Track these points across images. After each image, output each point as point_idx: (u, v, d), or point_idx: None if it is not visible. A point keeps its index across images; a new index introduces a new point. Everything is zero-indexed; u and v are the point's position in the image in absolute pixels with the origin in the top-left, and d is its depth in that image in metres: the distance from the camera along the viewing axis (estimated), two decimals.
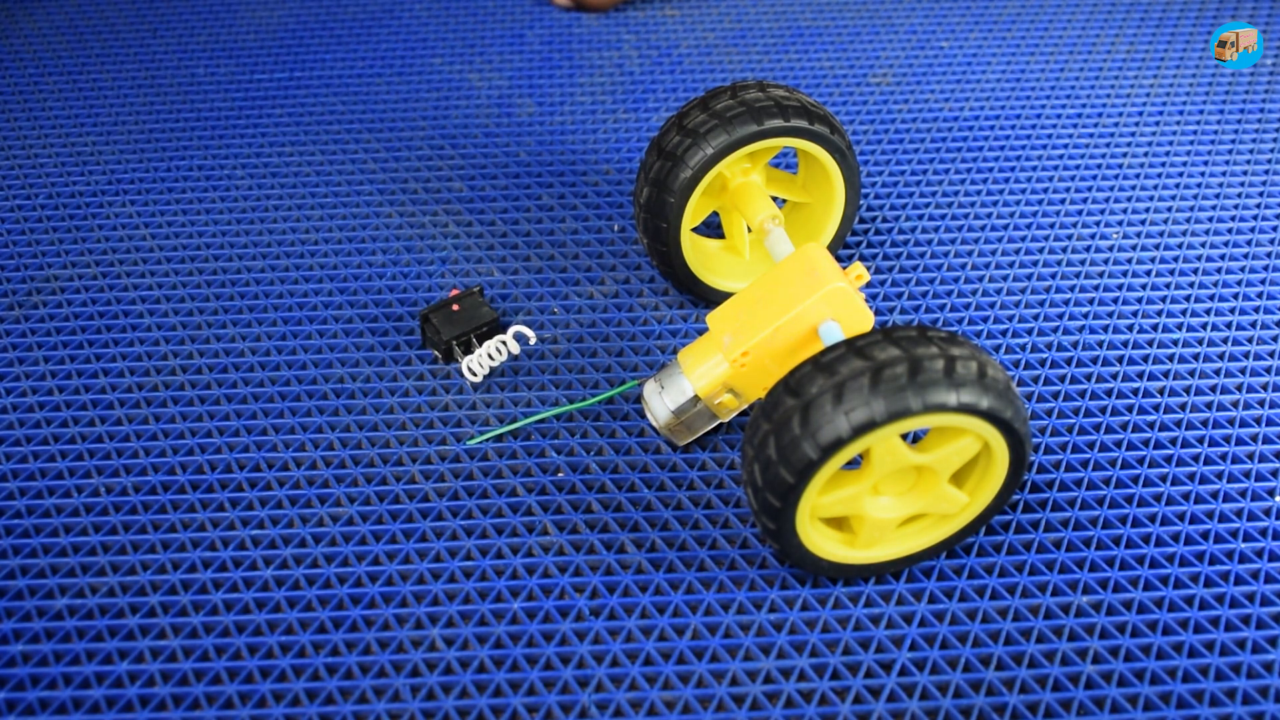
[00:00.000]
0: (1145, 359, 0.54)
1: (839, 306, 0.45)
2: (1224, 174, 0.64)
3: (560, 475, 0.49)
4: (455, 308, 0.53)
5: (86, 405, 0.52)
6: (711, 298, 0.55)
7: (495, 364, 0.52)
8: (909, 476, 0.43)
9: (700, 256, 0.55)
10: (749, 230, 0.55)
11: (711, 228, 0.60)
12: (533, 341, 0.53)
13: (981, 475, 0.43)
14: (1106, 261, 0.59)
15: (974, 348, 0.41)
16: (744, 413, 0.51)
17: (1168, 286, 0.58)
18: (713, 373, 0.47)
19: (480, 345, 0.53)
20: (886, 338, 0.40)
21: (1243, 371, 0.53)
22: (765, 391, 0.47)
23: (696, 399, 0.47)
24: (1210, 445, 0.50)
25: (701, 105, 0.51)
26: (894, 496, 0.43)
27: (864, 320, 0.46)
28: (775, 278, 0.46)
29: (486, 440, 0.51)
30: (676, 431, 0.49)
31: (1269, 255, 0.59)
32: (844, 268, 0.47)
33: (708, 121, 0.50)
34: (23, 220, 0.62)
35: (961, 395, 0.39)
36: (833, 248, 0.56)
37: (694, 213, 0.52)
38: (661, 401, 0.48)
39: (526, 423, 0.51)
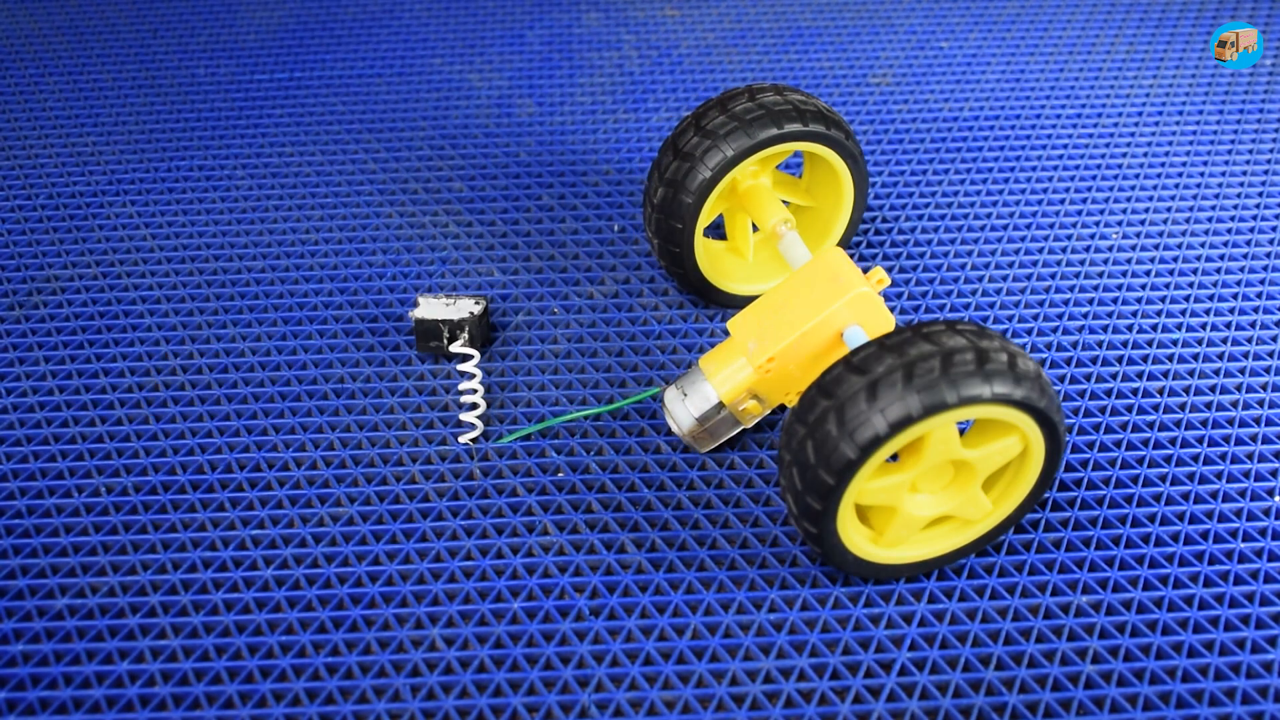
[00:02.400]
0: (1145, 359, 0.54)
1: (863, 311, 0.45)
2: (1224, 174, 0.64)
3: (560, 475, 0.49)
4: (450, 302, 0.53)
5: (87, 405, 0.52)
6: (715, 299, 0.55)
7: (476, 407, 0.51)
8: (947, 473, 0.43)
9: (708, 258, 0.55)
10: (753, 232, 0.55)
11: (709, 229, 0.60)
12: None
13: (1011, 480, 0.43)
14: (1106, 261, 0.59)
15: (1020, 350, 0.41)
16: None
17: (1167, 286, 0.58)
18: (736, 378, 0.46)
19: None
20: (950, 328, 0.41)
21: (1242, 371, 0.53)
22: (787, 396, 0.47)
23: (721, 405, 0.47)
24: (1209, 445, 0.50)
25: (720, 106, 0.51)
26: (931, 493, 0.43)
27: (887, 324, 0.46)
28: (798, 283, 0.46)
29: (515, 439, 0.51)
30: (699, 438, 0.48)
31: (1269, 255, 0.59)
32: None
33: (727, 123, 0.50)
34: (23, 220, 0.62)
35: (1024, 389, 0.40)
36: None
37: (706, 215, 0.52)
38: (685, 408, 0.47)
39: (554, 422, 0.51)
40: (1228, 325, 0.56)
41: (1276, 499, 0.48)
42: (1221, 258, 0.59)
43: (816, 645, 0.43)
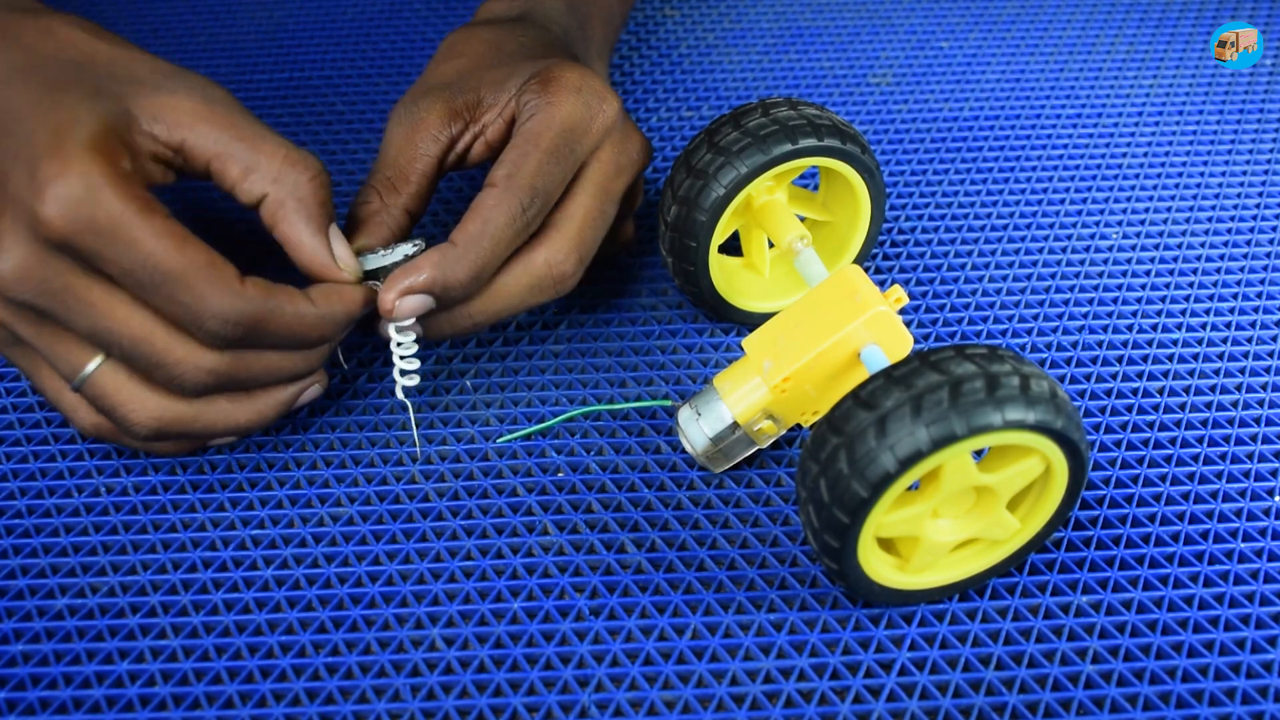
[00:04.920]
0: (1145, 359, 0.54)
1: (881, 331, 0.45)
2: (1224, 174, 0.64)
3: (560, 475, 0.49)
4: None
5: None
6: (731, 316, 0.55)
7: (411, 361, 0.49)
8: (969, 498, 0.43)
9: (723, 275, 0.54)
10: (769, 249, 0.55)
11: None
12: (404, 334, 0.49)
13: (1037, 498, 0.43)
14: (1106, 261, 0.59)
15: (1032, 365, 0.41)
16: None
17: (1167, 286, 0.58)
18: (751, 398, 0.46)
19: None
20: (959, 354, 0.40)
21: (1242, 371, 0.53)
22: (803, 417, 0.47)
23: (735, 425, 0.47)
24: (1210, 445, 0.50)
25: (733, 122, 0.50)
26: (954, 519, 0.43)
27: (905, 344, 0.45)
28: (814, 301, 0.46)
29: (515, 439, 0.51)
30: (714, 459, 0.48)
31: (1269, 255, 0.59)
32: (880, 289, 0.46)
33: (740, 139, 0.50)
34: None
35: (1038, 413, 0.39)
36: None
37: (721, 232, 0.52)
38: (699, 428, 0.47)
39: (554, 422, 0.51)
40: (1228, 325, 0.56)
41: (1276, 499, 0.48)
42: (1221, 258, 0.59)
43: (816, 645, 0.43)
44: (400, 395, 0.49)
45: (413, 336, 0.48)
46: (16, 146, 0.41)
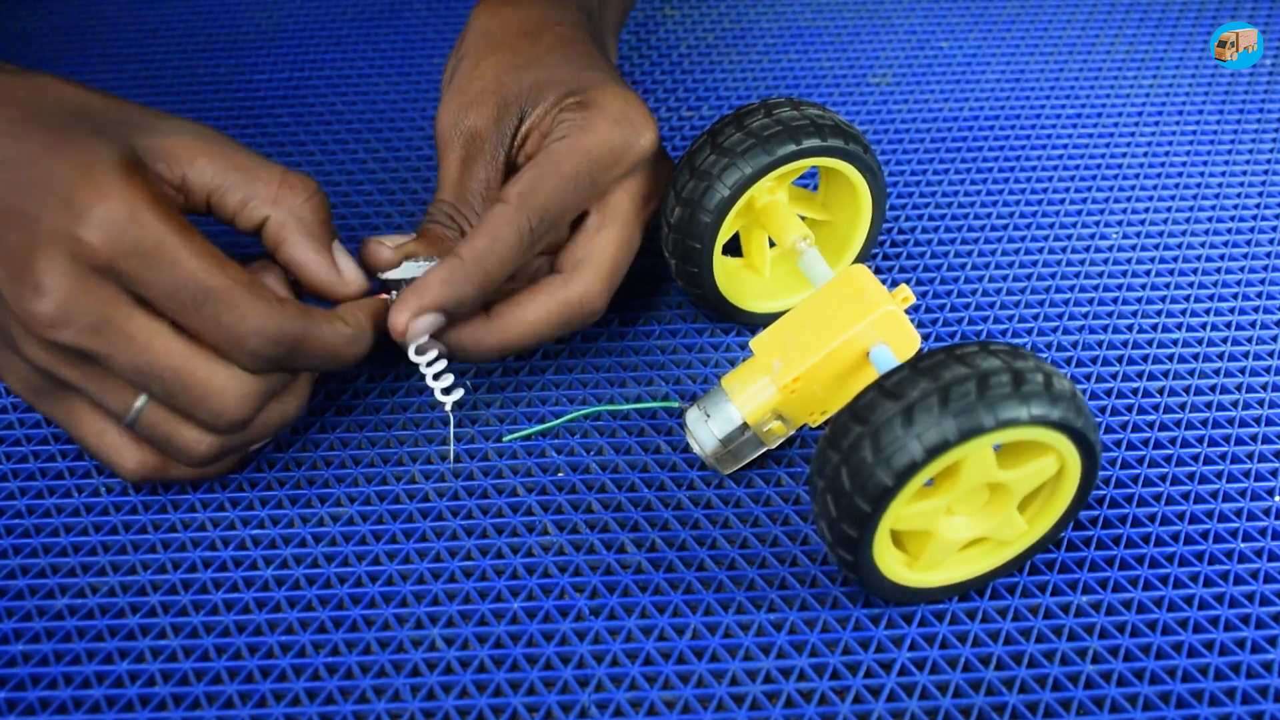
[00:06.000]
0: (1145, 359, 0.54)
1: (889, 330, 0.45)
2: (1224, 174, 0.64)
3: (560, 475, 0.49)
4: None
5: None
6: (733, 317, 0.55)
7: (445, 376, 0.49)
8: (983, 495, 0.43)
9: (725, 276, 0.54)
10: (770, 248, 0.55)
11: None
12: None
13: (1046, 500, 0.43)
14: (1106, 261, 0.59)
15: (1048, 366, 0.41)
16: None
17: (1167, 286, 0.58)
18: (760, 398, 0.46)
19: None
20: (984, 349, 0.40)
21: (1242, 371, 0.53)
22: (811, 417, 0.47)
23: (745, 426, 0.46)
24: (1209, 445, 0.50)
25: (736, 123, 0.50)
26: (967, 516, 0.43)
27: (913, 343, 0.45)
28: (822, 301, 0.46)
29: (517, 439, 0.51)
30: (723, 460, 0.48)
31: (1269, 255, 0.59)
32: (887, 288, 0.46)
33: (744, 140, 0.49)
34: None
35: (1061, 410, 0.39)
36: None
37: (724, 233, 0.52)
38: (708, 429, 0.47)
39: (557, 423, 0.51)
40: (1228, 325, 0.56)
41: (1276, 499, 0.48)
42: (1221, 258, 0.59)
43: (816, 645, 0.43)
44: (448, 410, 0.49)
45: (435, 352, 0.48)
46: (41, 185, 0.41)
